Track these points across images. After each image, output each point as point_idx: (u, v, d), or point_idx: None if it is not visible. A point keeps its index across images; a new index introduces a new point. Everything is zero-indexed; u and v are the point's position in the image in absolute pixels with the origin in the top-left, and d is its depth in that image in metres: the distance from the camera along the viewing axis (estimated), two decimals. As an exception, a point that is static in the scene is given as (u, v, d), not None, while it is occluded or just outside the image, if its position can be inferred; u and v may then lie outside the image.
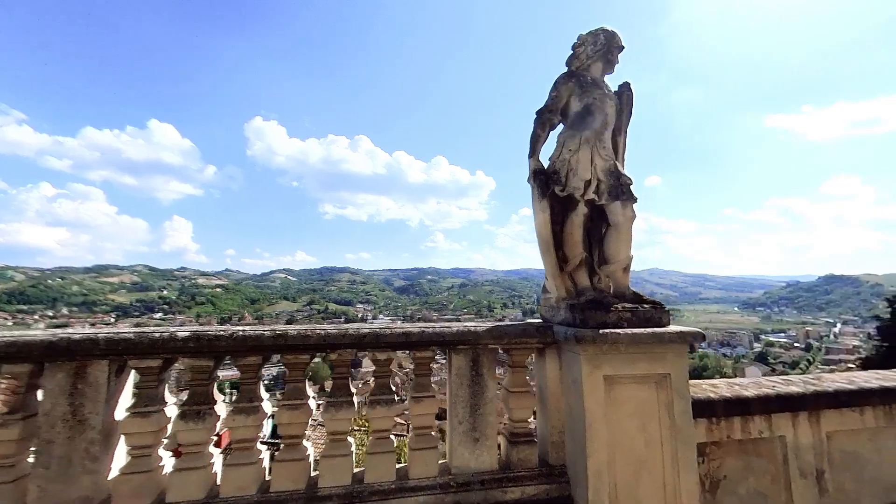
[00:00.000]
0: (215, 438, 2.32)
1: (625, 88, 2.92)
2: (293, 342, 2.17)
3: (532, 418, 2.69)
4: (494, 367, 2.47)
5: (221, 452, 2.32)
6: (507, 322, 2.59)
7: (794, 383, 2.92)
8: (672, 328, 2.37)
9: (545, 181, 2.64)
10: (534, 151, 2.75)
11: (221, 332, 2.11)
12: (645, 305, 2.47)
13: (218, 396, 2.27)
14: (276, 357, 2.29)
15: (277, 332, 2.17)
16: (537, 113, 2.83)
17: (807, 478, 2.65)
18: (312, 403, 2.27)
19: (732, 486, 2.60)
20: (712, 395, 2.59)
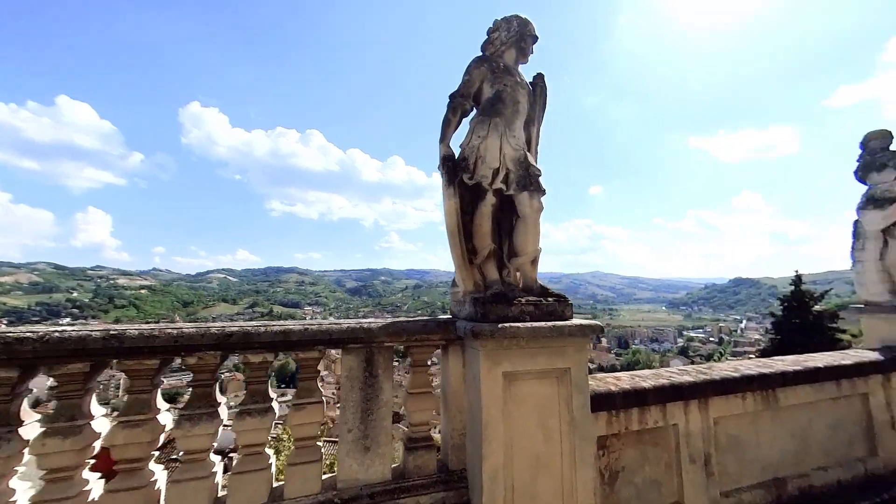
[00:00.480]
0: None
1: (539, 80, 2.87)
2: (134, 344, 1.78)
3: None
4: (392, 368, 2.26)
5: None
6: (404, 318, 2.39)
7: (688, 373, 3.06)
8: (573, 321, 2.33)
9: (453, 168, 2.49)
10: (444, 137, 2.60)
11: (28, 335, 1.66)
12: (549, 299, 2.41)
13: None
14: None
15: (112, 332, 1.76)
16: (450, 97, 2.68)
17: (696, 462, 2.77)
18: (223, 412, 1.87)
19: (630, 477, 2.64)
20: (613, 388, 2.61)
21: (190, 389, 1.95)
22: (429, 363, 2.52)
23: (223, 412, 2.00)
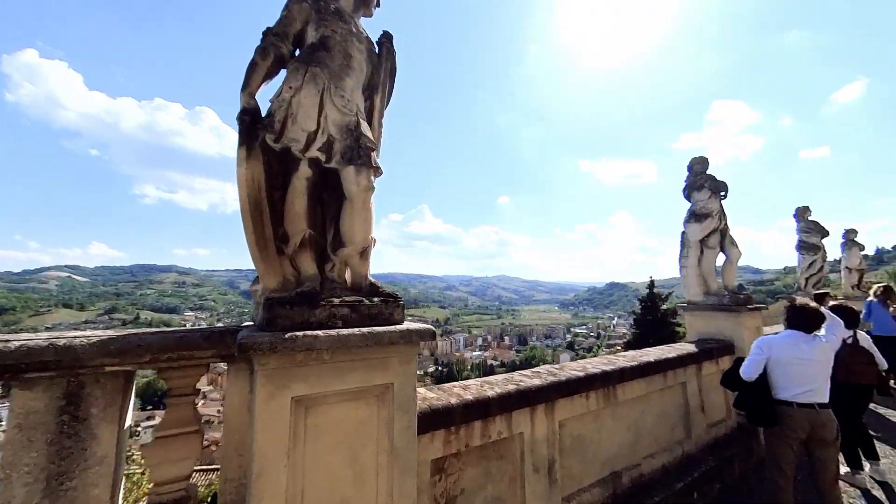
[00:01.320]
0: None
1: (386, 40, 2.43)
2: None
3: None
4: (123, 403, 1.52)
5: None
6: (155, 329, 1.67)
7: (539, 375, 2.96)
8: (398, 326, 1.91)
9: (250, 125, 1.86)
10: (247, 84, 1.94)
11: None
12: (374, 299, 1.96)
13: None
14: None
15: None
16: (262, 34, 2.05)
17: (539, 471, 2.63)
18: None
19: (470, 499, 2.34)
20: (454, 401, 2.29)
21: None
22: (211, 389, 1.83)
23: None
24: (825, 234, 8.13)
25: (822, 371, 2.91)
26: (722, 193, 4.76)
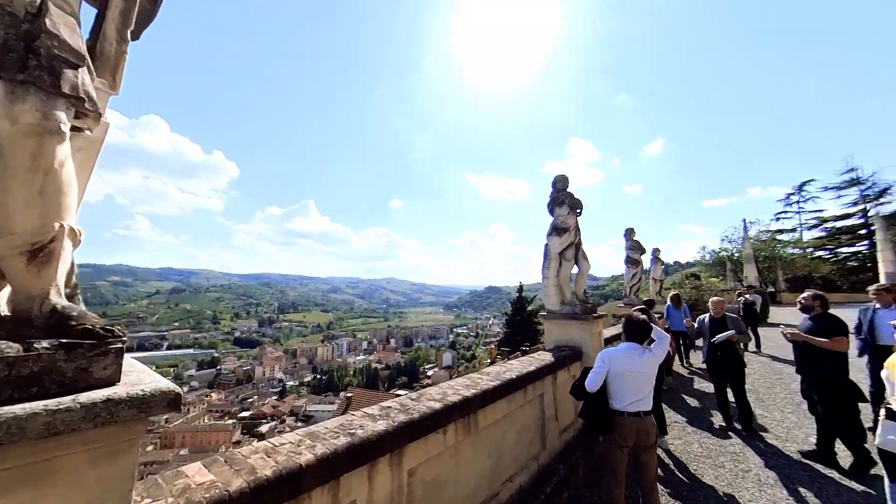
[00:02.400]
0: None
1: None
2: None
3: None
4: None
5: None
6: None
7: (388, 415, 2.37)
8: (99, 393, 1.04)
9: None
10: None
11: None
12: (45, 343, 1.03)
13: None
14: None
15: None
16: None
17: (377, 546, 2.03)
18: None
19: None
20: (239, 485, 1.49)
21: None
22: None
23: None
24: (643, 251, 10.17)
25: (650, 381, 3.15)
26: (578, 211, 5.14)
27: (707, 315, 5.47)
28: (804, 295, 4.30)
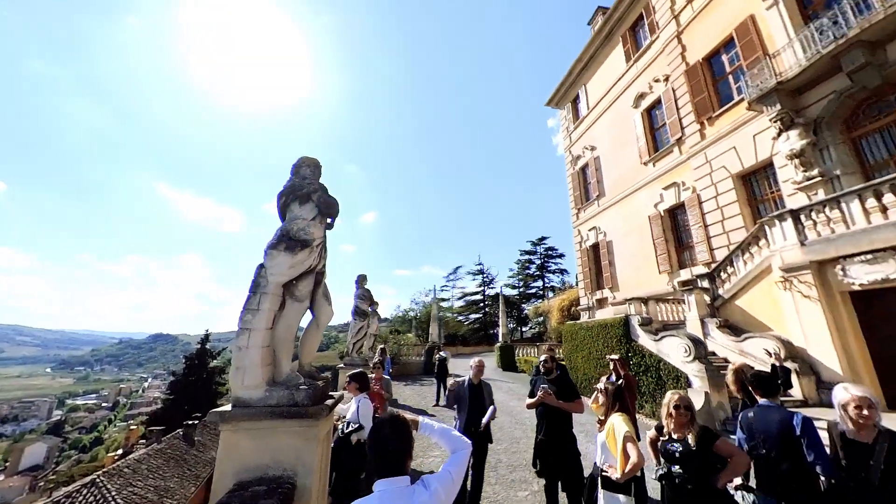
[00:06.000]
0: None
1: None
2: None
3: None
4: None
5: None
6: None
7: None
8: None
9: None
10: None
11: None
12: None
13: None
14: None
15: None
16: None
17: None
18: None
19: None
20: None
21: None
22: None
23: None
24: (374, 303, 9.21)
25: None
26: (329, 220, 3.09)
27: (466, 378, 4.52)
28: (543, 358, 4.20)
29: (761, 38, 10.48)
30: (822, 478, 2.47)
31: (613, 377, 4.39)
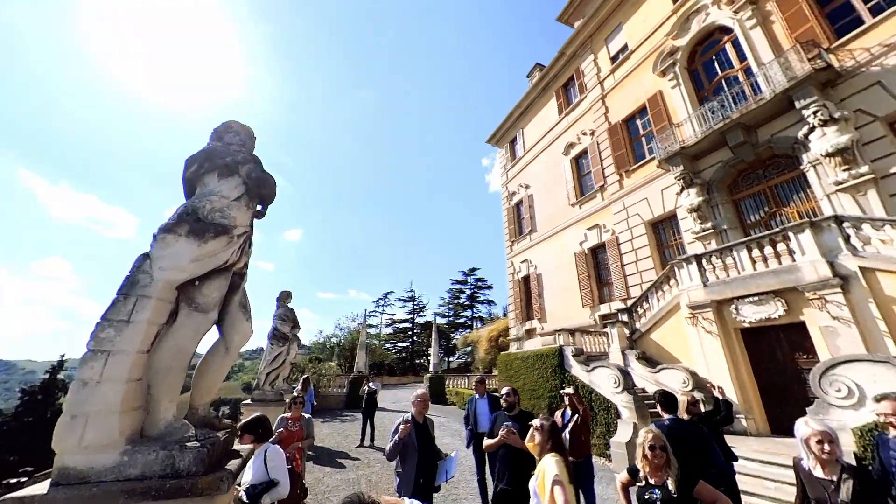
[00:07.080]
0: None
1: None
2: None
3: None
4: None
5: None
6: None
7: None
8: None
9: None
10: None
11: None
12: None
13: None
14: None
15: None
16: None
17: None
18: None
19: None
20: None
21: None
22: None
23: None
24: (296, 325, 7.91)
25: None
26: (260, 207, 2.34)
27: (409, 415, 3.75)
28: (505, 391, 3.73)
29: (667, 110, 12.42)
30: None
31: (569, 412, 4.13)
